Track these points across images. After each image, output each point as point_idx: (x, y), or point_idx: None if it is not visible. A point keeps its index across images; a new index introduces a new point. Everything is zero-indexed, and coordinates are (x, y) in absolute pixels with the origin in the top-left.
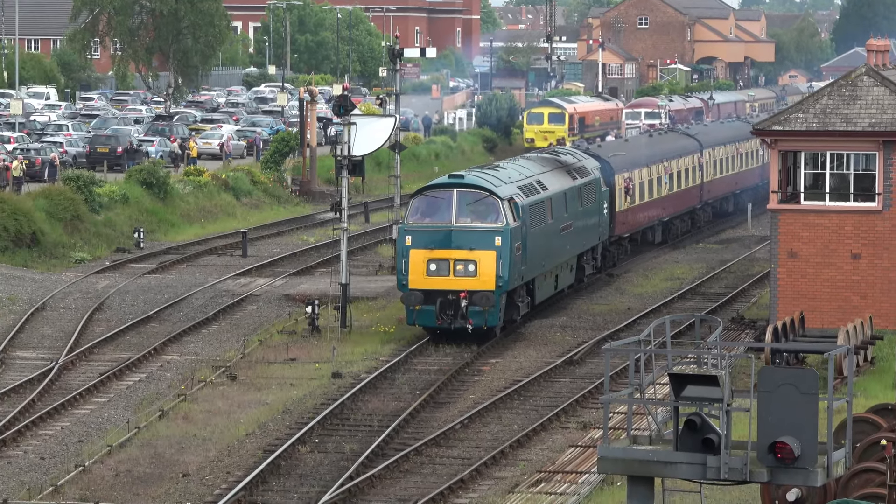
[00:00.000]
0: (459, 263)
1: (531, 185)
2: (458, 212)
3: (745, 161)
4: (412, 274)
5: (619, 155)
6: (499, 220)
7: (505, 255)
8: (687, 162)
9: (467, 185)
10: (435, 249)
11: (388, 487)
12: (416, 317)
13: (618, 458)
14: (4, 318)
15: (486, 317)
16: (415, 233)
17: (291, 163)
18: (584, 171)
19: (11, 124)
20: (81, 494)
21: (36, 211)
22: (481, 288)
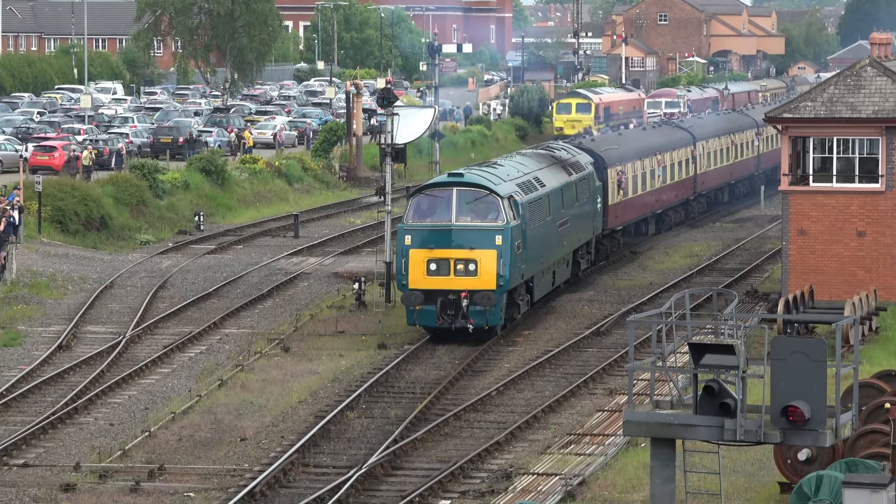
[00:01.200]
0: (460, 263)
1: (529, 182)
2: (457, 210)
3: (740, 152)
4: (412, 274)
5: (612, 149)
6: (499, 219)
7: (506, 253)
8: (680, 154)
9: (467, 184)
10: (435, 249)
11: (429, 450)
12: (417, 317)
13: (642, 422)
14: (76, 296)
15: (488, 316)
16: (414, 232)
17: (339, 151)
18: (578, 166)
19: (81, 117)
20: (147, 458)
21: (104, 197)
22: (482, 287)
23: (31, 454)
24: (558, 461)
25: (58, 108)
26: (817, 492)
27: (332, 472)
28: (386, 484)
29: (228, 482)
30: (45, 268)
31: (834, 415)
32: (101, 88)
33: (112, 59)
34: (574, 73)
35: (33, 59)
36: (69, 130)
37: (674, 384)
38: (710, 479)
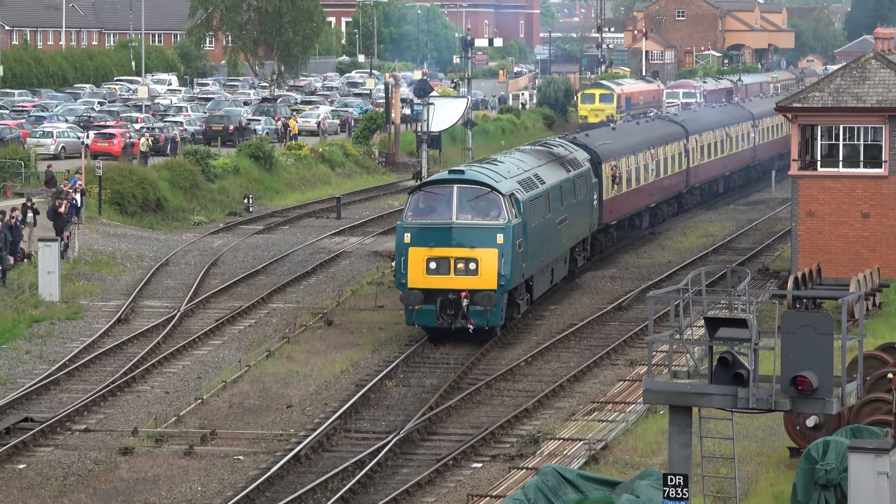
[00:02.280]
0: (460, 262)
1: (530, 179)
2: (458, 208)
3: (735, 144)
4: (411, 272)
5: (606, 144)
6: (500, 217)
7: (507, 252)
8: (673, 148)
9: (468, 181)
10: (435, 247)
11: (462, 416)
12: (416, 317)
13: (660, 391)
14: (134, 273)
15: (488, 316)
16: (414, 230)
17: (378, 138)
18: (575, 162)
19: (139, 107)
20: (200, 423)
21: (160, 181)
22: (483, 287)
23: (93, 420)
24: (583, 427)
25: (117, 98)
26: (824, 456)
27: (372, 437)
28: (422, 448)
29: (275, 446)
30: (105, 247)
31: (840, 384)
32: (157, 80)
33: (167, 53)
34: (597, 65)
35: (94, 53)
36: (127, 119)
37: (690, 355)
38: (724, 444)
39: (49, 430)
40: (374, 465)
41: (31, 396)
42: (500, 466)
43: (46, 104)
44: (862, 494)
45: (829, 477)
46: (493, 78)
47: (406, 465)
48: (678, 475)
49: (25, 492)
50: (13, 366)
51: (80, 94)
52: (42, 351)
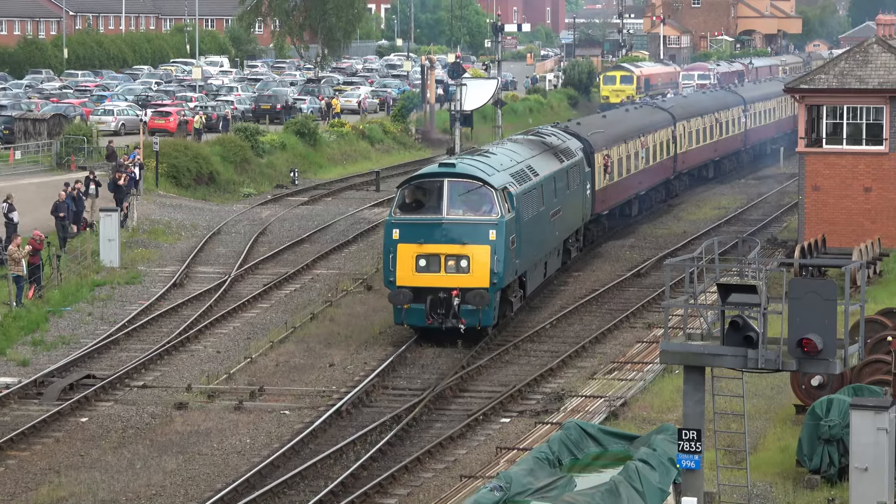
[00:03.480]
0: (451, 259)
1: (523, 171)
2: (449, 203)
3: (726, 129)
4: (400, 270)
5: (598, 133)
6: (493, 212)
7: (500, 249)
8: (661, 135)
9: (459, 175)
10: (424, 244)
11: (492, 374)
12: (405, 316)
13: (676, 352)
14: (188, 241)
15: (480, 316)
16: (403, 226)
17: (415, 116)
18: (568, 152)
19: (193, 87)
20: (249, 380)
21: (213, 155)
22: (475, 285)
23: (150, 377)
24: (603, 385)
25: (172, 78)
26: (828, 413)
27: (408, 394)
28: (454, 404)
29: (318, 402)
30: (162, 216)
31: (843, 346)
32: (209, 62)
33: (219, 37)
34: (618, 49)
35: (152, 37)
36: (182, 98)
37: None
38: (735, 401)
39: (109, 387)
40: (410, 419)
41: (93, 355)
42: (526, 421)
43: (107, 84)
44: (863, 448)
45: (832, 432)
46: (521, 61)
47: (439, 419)
48: (692, 430)
49: (88, 443)
50: (76, 327)
51: (138, 74)
52: (103, 313)
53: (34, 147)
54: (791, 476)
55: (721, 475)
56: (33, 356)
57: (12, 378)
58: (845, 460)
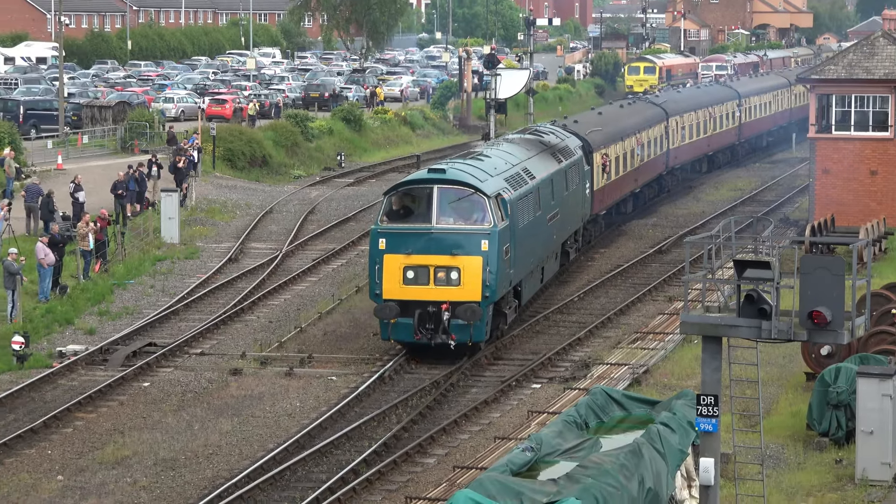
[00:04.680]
0: (441, 271)
1: (518, 175)
2: (439, 211)
3: (720, 123)
4: (387, 283)
5: (596, 131)
6: (485, 221)
7: (492, 260)
8: (654, 131)
9: (449, 181)
10: (413, 254)
11: (524, 344)
12: (392, 331)
13: (695, 323)
14: (243, 219)
15: (472, 331)
16: (389, 235)
17: (453, 104)
18: (567, 151)
19: (247, 76)
20: (299, 348)
21: (265, 140)
22: (466, 299)
23: (207, 345)
24: (627, 353)
25: (228, 69)
26: (836, 380)
27: (446, 361)
28: (489, 371)
29: (363, 368)
30: (218, 196)
31: (850, 318)
32: (262, 53)
33: (272, 30)
34: (642, 42)
35: (209, 30)
36: (237, 87)
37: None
38: (750, 369)
39: (170, 354)
40: (448, 385)
41: (155, 324)
42: (556, 387)
43: (168, 74)
44: (868, 413)
45: (840, 398)
46: (551, 52)
47: (475, 385)
48: (710, 395)
49: (150, 406)
50: (139, 298)
51: (196, 65)
52: (164, 286)
53: (100, 132)
54: (802, 438)
55: (737, 437)
56: (99, 325)
57: (80, 346)
58: (852, 424)
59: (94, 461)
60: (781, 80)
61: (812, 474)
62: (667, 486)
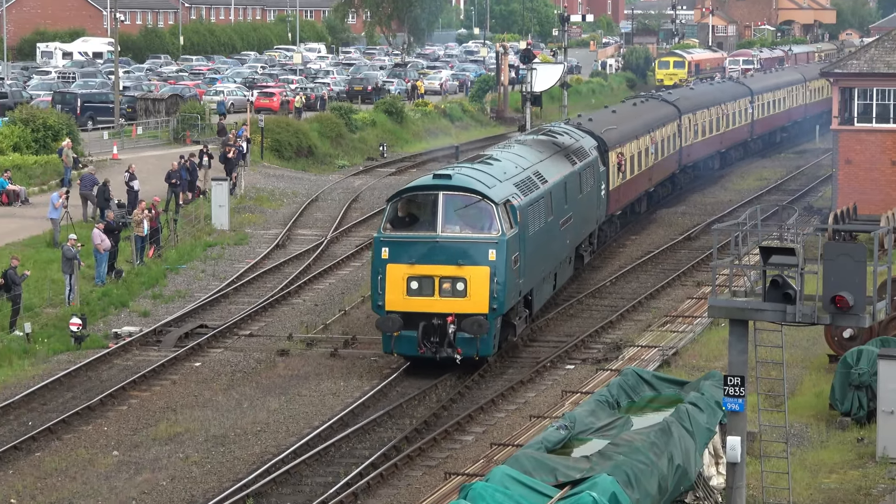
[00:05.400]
0: (446, 281)
1: (529, 178)
2: (444, 219)
3: (732, 120)
4: (390, 293)
5: (611, 129)
6: (493, 229)
7: (500, 271)
8: (668, 130)
9: (455, 188)
10: (417, 264)
11: (559, 326)
12: (395, 344)
13: (722, 307)
14: (289, 207)
15: (478, 345)
16: (393, 244)
17: (490, 97)
18: (582, 152)
19: (294, 70)
20: (343, 330)
21: (311, 131)
22: (472, 311)
23: (255, 326)
24: (657, 336)
25: (276, 63)
26: (858, 362)
27: None
28: (525, 352)
29: None
30: (266, 185)
31: (871, 303)
32: (309, 48)
33: (317, 26)
34: (672, 37)
35: (258, 26)
36: (284, 80)
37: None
38: (775, 351)
39: (220, 335)
40: (486, 365)
41: (206, 307)
42: (588, 368)
43: (218, 68)
44: (889, 394)
45: (861, 379)
46: (584, 48)
47: (512, 366)
48: (736, 376)
49: (201, 385)
50: (191, 282)
51: (245, 59)
52: (214, 270)
53: (153, 123)
54: (825, 418)
55: (762, 417)
56: (153, 308)
57: (135, 327)
58: (873, 404)
59: (148, 437)
60: (797, 75)
61: (834, 452)
62: (695, 463)
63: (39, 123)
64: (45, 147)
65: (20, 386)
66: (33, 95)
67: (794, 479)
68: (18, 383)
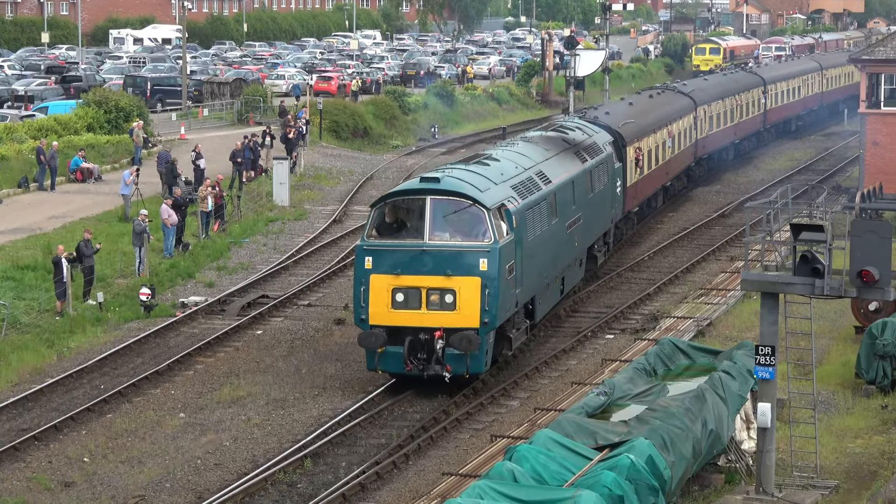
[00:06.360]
0: (434, 293)
1: (530, 180)
2: (432, 226)
3: (746, 111)
4: (374, 306)
5: (629, 123)
6: (485, 237)
7: (492, 282)
8: (684, 122)
9: (444, 192)
10: (402, 275)
11: (599, 298)
12: (379, 361)
13: (754, 280)
14: (346, 184)
15: (469, 362)
16: (377, 253)
17: (536, 81)
18: (594, 148)
19: (350, 56)
20: None
21: (367, 113)
22: (462, 325)
23: (314, 297)
24: (692, 308)
25: (334, 49)
26: (883, 333)
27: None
28: (567, 322)
29: None
30: (324, 164)
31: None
32: (365, 35)
33: (373, 14)
34: (708, 25)
35: (317, 14)
36: (342, 65)
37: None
38: (804, 322)
39: (280, 305)
40: (531, 335)
41: (267, 278)
42: (627, 338)
43: (280, 53)
44: None
45: (885, 349)
46: (625, 35)
47: (555, 335)
48: (767, 346)
49: (262, 351)
50: (253, 255)
51: (305, 45)
52: (275, 244)
53: (219, 105)
54: (850, 386)
55: (791, 384)
56: (218, 279)
57: (200, 297)
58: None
59: (213, 401)
60: (813, 64)
61: (860, 418)
62: (727, 427)
63: (112, 105)
64: (116, 128)
65: (93, 352)
66: (106, 79)
67: (821, 443)
68: (92, 349)
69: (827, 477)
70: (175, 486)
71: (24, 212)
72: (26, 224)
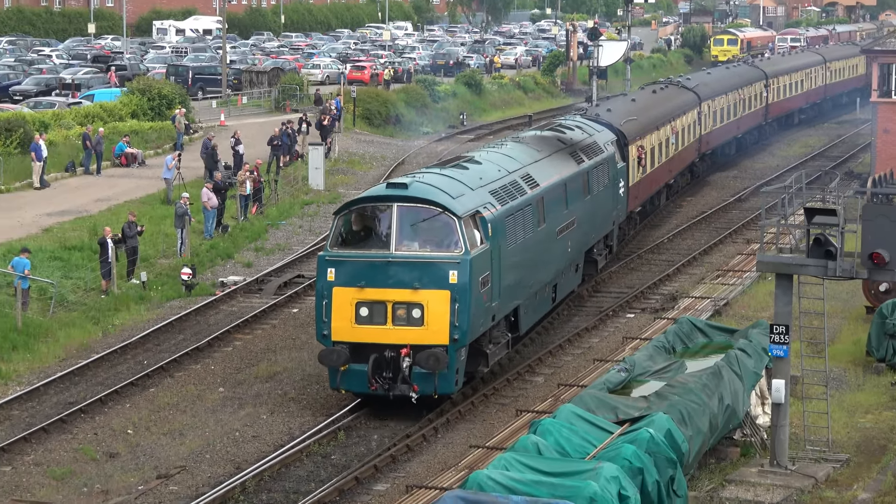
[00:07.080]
0: (400, 307)
1: (513, 183)
2: (399, 235)
3: (748, 105)
4: (336, 321)
5: (631, 121)
6: (455, 247)
7: (463, 295)
8: (688, 118)
9: (412, 199)
10: (367, 287)
11: (621, 279)
12: (341, 380)
13: (770, 262)
14: (378, 169)
15: (437, 381)
16: (340, 264)
17: (560, 70)
18: (593, 148)
19: (383, 46)
20: None
21: (398, 101)
22: (430, 342)
23: None
24: (710, 288)
25: (367, 39)
26: (892, 313)
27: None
28: (589, 302)
29: None
30: (357, 150)
31: None
32: (397, 26)
33: (405, 6)
34: (726, 17)
35: (351, 6)
36: (374, 55)
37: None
38: (817, 303)
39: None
40: (555, 314)
41: (303, 259)
42: (647, 317)
43: (315, 44)
44: None
45: (895, 329)
46: (646, 26)
47: (577, 314)
48: (782, 325)
49: (298, 329)
50: (290, 236)
51: (340, 36)
52: (311, 226)
53: (257, 94)
54: (861, 364)
55: (804, 362)
56: (255, 259)
57: (239, 277)
58: None
59: (251, 376)
60: (816, 57)
61: (870, 395)
62: (743, 403)
63: (155, 93)
64: (159, 114)
65: (137, 329)
66: (149, 68)
67: (833, 418)
68: (135, 326)
69: (838, 451)
70: (214, 457)
71: (71, 195)
72: (73, 207)
